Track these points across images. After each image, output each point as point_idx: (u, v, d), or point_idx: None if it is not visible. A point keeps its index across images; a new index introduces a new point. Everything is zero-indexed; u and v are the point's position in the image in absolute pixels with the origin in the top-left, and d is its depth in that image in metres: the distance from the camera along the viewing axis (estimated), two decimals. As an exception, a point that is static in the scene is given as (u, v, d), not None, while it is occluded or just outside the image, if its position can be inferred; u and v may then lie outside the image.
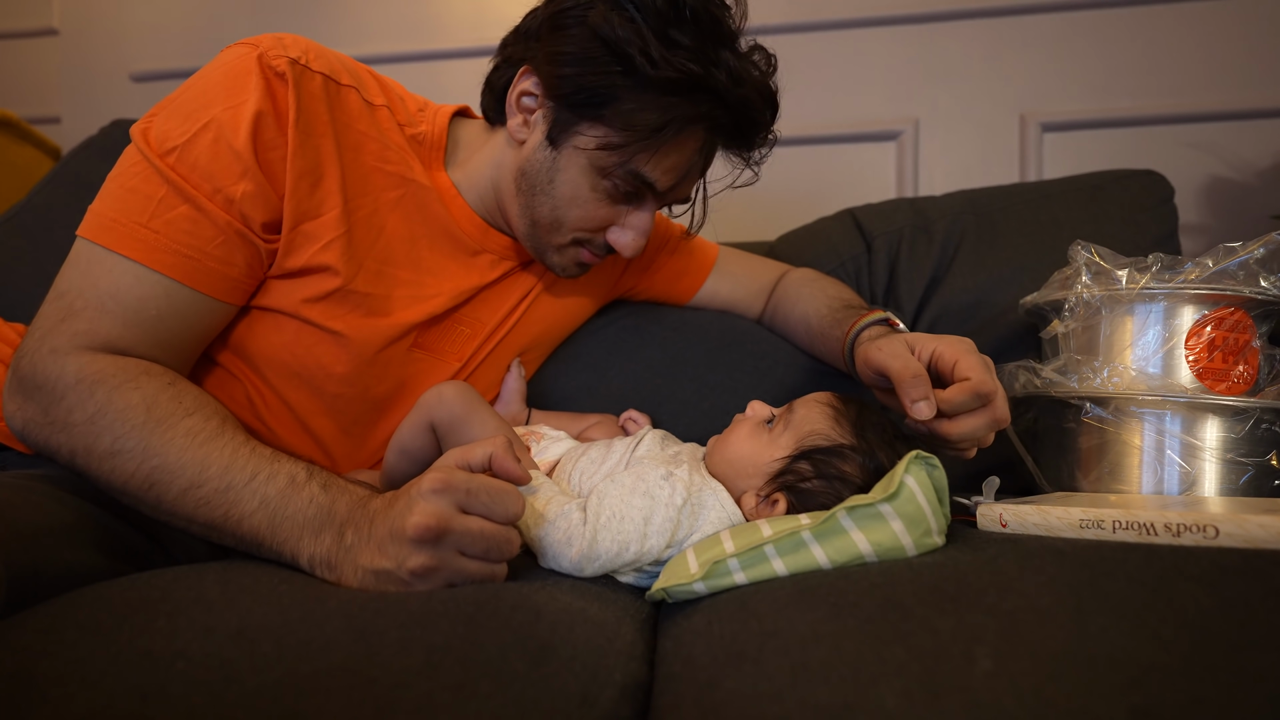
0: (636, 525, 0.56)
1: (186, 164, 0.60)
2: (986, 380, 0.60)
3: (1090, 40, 1.37)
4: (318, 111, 0.65)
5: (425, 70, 1.58)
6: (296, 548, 0.54)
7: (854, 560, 0.51)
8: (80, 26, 1.72)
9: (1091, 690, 0.31)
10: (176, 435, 0.56)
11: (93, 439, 0.55)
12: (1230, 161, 1.33)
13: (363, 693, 0.35)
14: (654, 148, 0.67)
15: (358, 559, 0.51)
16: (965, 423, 0.61)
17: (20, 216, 1.17)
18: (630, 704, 0.41)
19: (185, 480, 0.55)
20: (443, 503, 0.49)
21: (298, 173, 0.63)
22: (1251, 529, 0.47)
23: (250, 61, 0.62)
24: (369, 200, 0.69)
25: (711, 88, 0.66)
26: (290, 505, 0.55)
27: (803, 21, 1.47)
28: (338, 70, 0.67)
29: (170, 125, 0.61)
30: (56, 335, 0.58)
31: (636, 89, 0.65)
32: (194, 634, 0.40)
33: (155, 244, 0.59)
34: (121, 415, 0.55)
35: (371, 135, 0.69)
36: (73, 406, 0.56)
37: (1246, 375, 0.68)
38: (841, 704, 0.33)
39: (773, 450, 0.62)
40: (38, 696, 0.35)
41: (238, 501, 0.55)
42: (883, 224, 1.06)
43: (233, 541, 0.56)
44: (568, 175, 0.69)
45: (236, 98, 0.61)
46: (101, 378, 0.56)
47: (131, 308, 0.59)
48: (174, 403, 0.57)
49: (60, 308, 0.59)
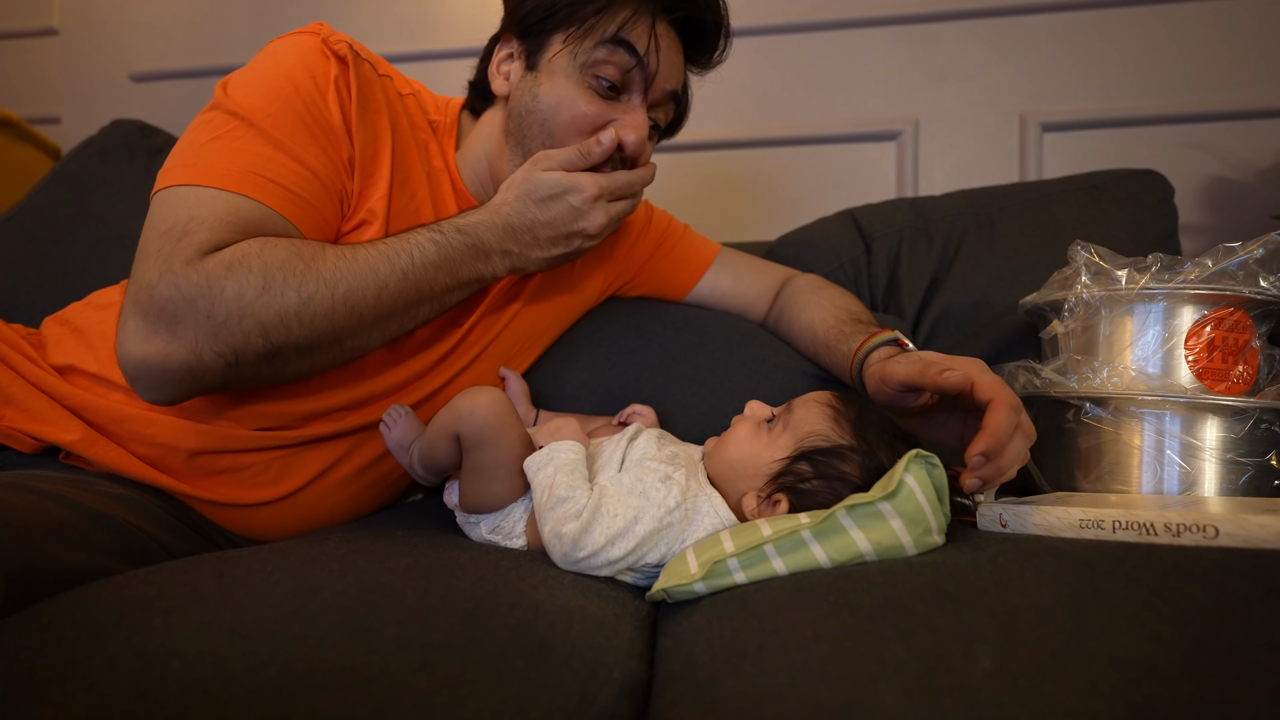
0: (626, 523, 0.56)
1: (285, 130, 0.64)
2: (1008, 395, 0.59)
3: (1090, 40, 1.37)
4: (372, 91, 0.71)
5: (425, 70, 1.58)
6: (479, 275, 0.71)
7: (854, 559, 0.51)
8: (80, 26, 1.72)
9: (1091, 690, 0.31)
10: (331, 260, 0.62)
11: (279, 300, 0.59)
12: (1230, 161, 1.33)
13: (360, 691, 0.35)
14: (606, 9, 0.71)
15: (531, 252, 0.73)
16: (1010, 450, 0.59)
17: (20, 216, 1.17)
18: (629, 702, 0.41)
19: (373, 286, 0.63)
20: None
21: (363, 141, 0.69)
22: (1251, 529, 0.47)
23: (317, 42, 0.69)
24: (406, 167, 0.75)
25: None
26: (449, 254, 0.67)
27: (803, 21, 1.47)
28: (376, 61, 0.75)
29: (254, 97, 0.65)
30: (177, 255, 0.58)
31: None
32: (189, 632, 0.40)
33: (271, 190, 0.63)
34: (285, 270, 0.60)
35: (404, 117, 0.76)
36: (241, 289, 0.58)
37: (1246, 375, 0.68)
38: (841, 703, 0.33)
39: (772, 451, 0.62)
40: (36, 695, 0.35)
41: (420, 278, 0.66)
42: (882, 225, 1.05)
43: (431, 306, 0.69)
44: (550, 83, 0.73)
45: (314, 69, 0.67)
46: (242, 256, 0.59)
47: (252, 223, 0.61)
48: (307, 245, 0.62)
49: (172, 238, 0.59)
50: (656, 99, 0.76)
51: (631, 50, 0.72)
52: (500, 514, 0.66)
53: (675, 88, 0.78)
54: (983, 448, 0.57)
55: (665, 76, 0.76)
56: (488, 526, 0.66)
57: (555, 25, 0.72)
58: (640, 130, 0.74)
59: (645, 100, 0.75)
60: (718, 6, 0.77)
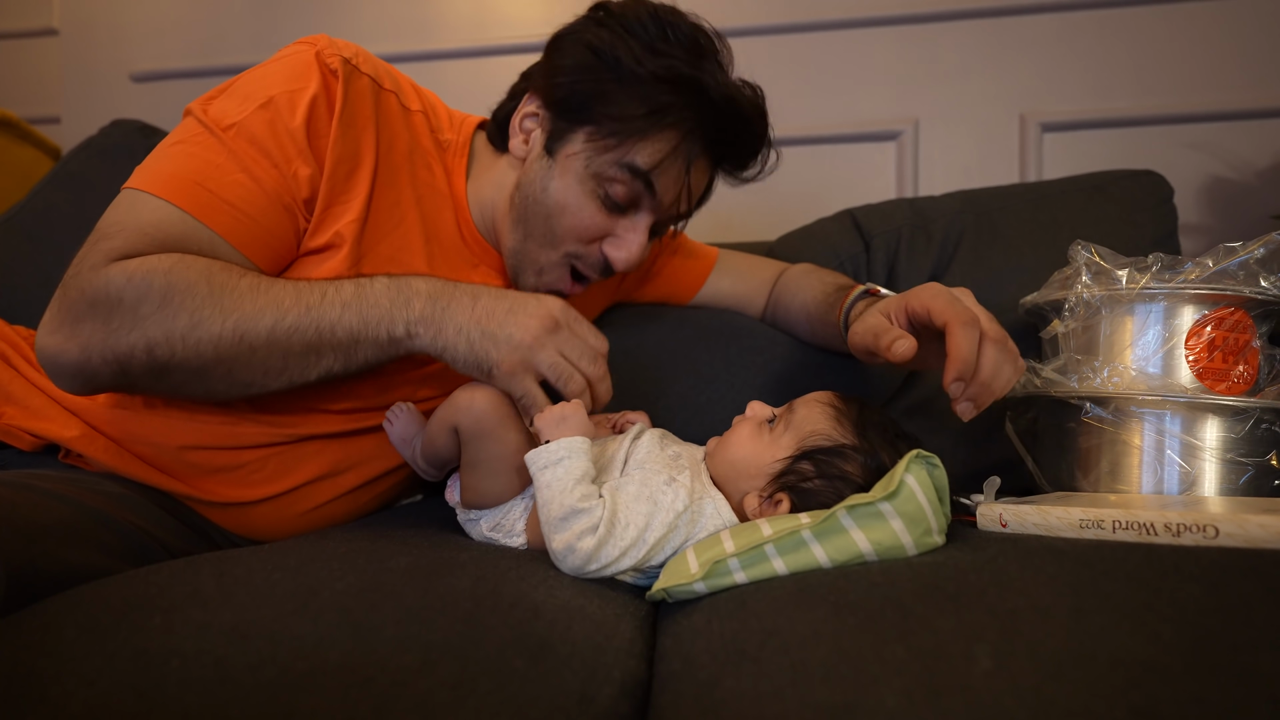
0: (639, 531, 0.56)
1: (245, 137, 0.64)
2: (961, 311, 0.59)
3: (1090, 40, 1.37)
4: (362, 107, 0.69)
5: (425, 70, 1.57)
6: (391, 323, 0.62)
7: (854, 559, 0.51)
8: (80, 26, 1.72)
9: (1091, 690, 0.31)
10: (243, 290, 0.60)
11: (170, 321, 0.59)
12: (1230, 161, 1.33)
13: (360, 691, 0.35)
14: (640, 135, 0.69)
15: (458, 318, 0.62)
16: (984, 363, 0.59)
17: (20, 216, 1.17)
18: (629, 701, 0.41)
19: (269, 319, 0.60)
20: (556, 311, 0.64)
21: (337, 158, 0.67)
22: (1251, 529, 0.47)
23: (309, 56, 0.67)
24: (394, 192, 0.72)
25: (697, 84, 0.68)
26: (369, 296, 0.62)
27: (803, 21, 1.47)
28: (381, 75, 0.72)
29: (230, 104, 0.65)
30: (92, 256, 0.60)
31: (624, 85, 0.68)
32: (189, 631, 0.40)
33: (207, 200, 0.62)
34: (188, 292, 0.59)
35: (404, 136, 0.73)
36: (137, 302, 0.58)
37: (1246, 375, 0.68)
38: (842, 703, 0.33)
39: (774, 451, 0.62)
40: (36, 695, 0.35)
41: (323, 315, 0.61)
42: (881, 224, 1.05)
43: (335, 356, 0.62)
44: (562, 182, 0.71)
45: (295, 84, 0.66)
46: (151, 270, 0.59)
47: (173, 237, 0.61)
48: (224, 271, 0.61)
49: (95, 238, 0.61)
50: (666, 219, 0.75)
51: (649, 186, 0.70)
52: (500, 511, 0.66)
53: (693, 210, 0.77)
54: (953, 374, 0.58)
55: (683, 206, 0.75)
56: (488, 524, 0.66)
57: (583, 120, 0.70)
58: (634, 253, 0.73)
59: (651, 218, 0.73)
60: (761, 141, 0.75)
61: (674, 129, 0.70)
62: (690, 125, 0.70)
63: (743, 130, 0.73)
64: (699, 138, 0.71)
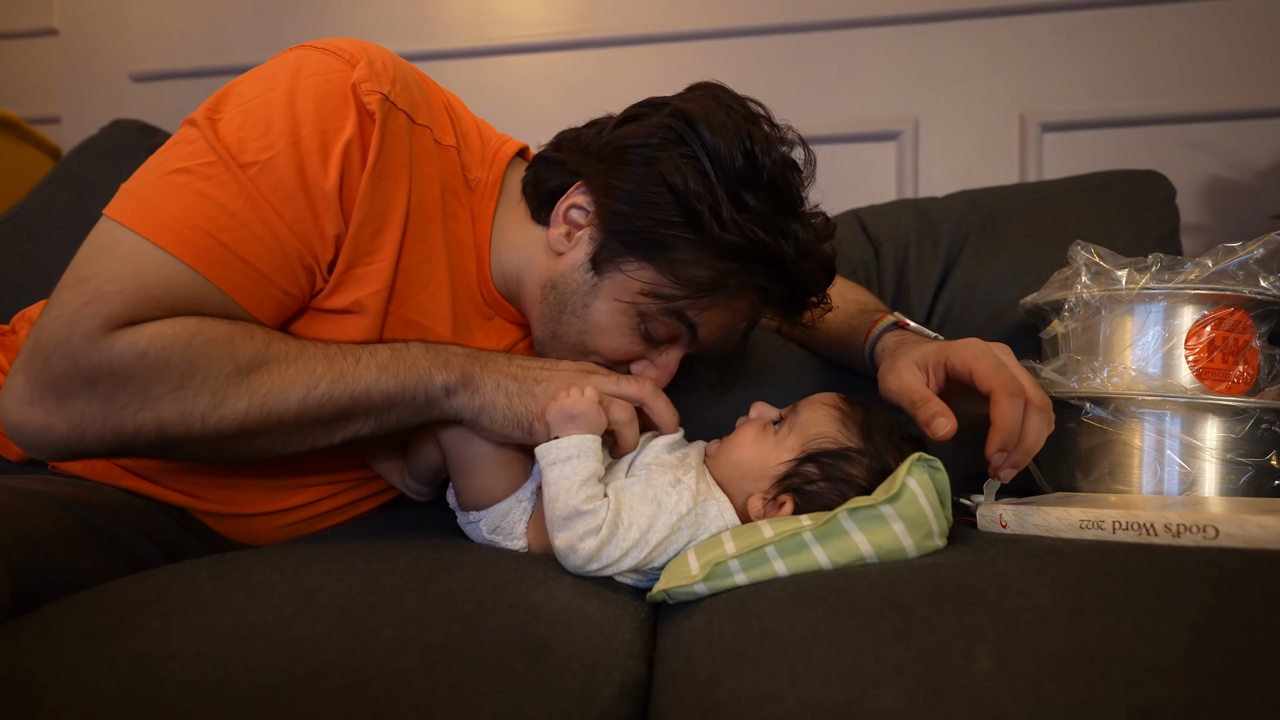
0: (641, 532, 0.56)
1: (268, 185, 0.55)
2: (1007, 380, 0.58)
3: (1090, 40, 1.37)
4: (398, 154, 0.60)
5: (425, 70, 1.57)
6: (430, 384, 0.59)
7: (855, 561, 0.51)
8: (80, 26, 1.72)
9: (1091, 690, 0.31)
10: (271, 362, 0.55)
11: (189, 401, 0.53)
12: (1230, 161, 1.33)
13: (359, 693, 0.35)
14: (697, 302, 0.63)
15: (495, 375, 0.61)
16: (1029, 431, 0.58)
17: (20, 216, 1.17)
18: (629, 702, 0.41)
19: (300, 390, 0.56)
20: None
21: (364, 216, 0.59)
22: (1251, 529, 0.47)
23: (345, 86, 0.58)
24: (424, 247, 0.65)
25: (776, 259, 0.62)
26: (406, 360, 0.59)
27: (803, 21, 1.47)
28: (417, 107, 0.63)
29: (249, 131, 0.56)
30: (84, 321, 0.51)
31: (696, 245, 0.61)
32: (187, 634, 0.40)
33: (223, 259, 0.54)
34: (210, 369, 0.53)
35: (437, 179, 0.65)
36: (149, 382, 0.52)
37: (1246, 375, 0.68)
38: (842, 703, 0.33)
39: (778, 453, 0.62)
40: (35, 700, 0.35)
41: (358, 380, 0.57)
42: (889, 229, 1.05)
43: (369, 420, 0.59)
44: (605, 306, 0.64)
45: (328, 122, 0.57)
46: (168, 346, 0.52)
47: (182, 301, 0.54)
48: (248, 339, 0.55)
49: (84, 293, 0.51)
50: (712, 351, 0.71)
51: (693, 333, 0.65)
52: (500, 513, 0.66)
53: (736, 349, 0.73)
54: (997, 445, 0.58)
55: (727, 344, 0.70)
56: (488, 526, 0.66)
57: (642, 257, 0.62)
58: (662, 381, 0.68)
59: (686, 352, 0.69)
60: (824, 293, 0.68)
61: (736, 303, 0.65)
62: (755, 298, 0.66)
63: (809, 295, 0.67)
64: (760, 307, 0.67)
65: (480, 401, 0.60)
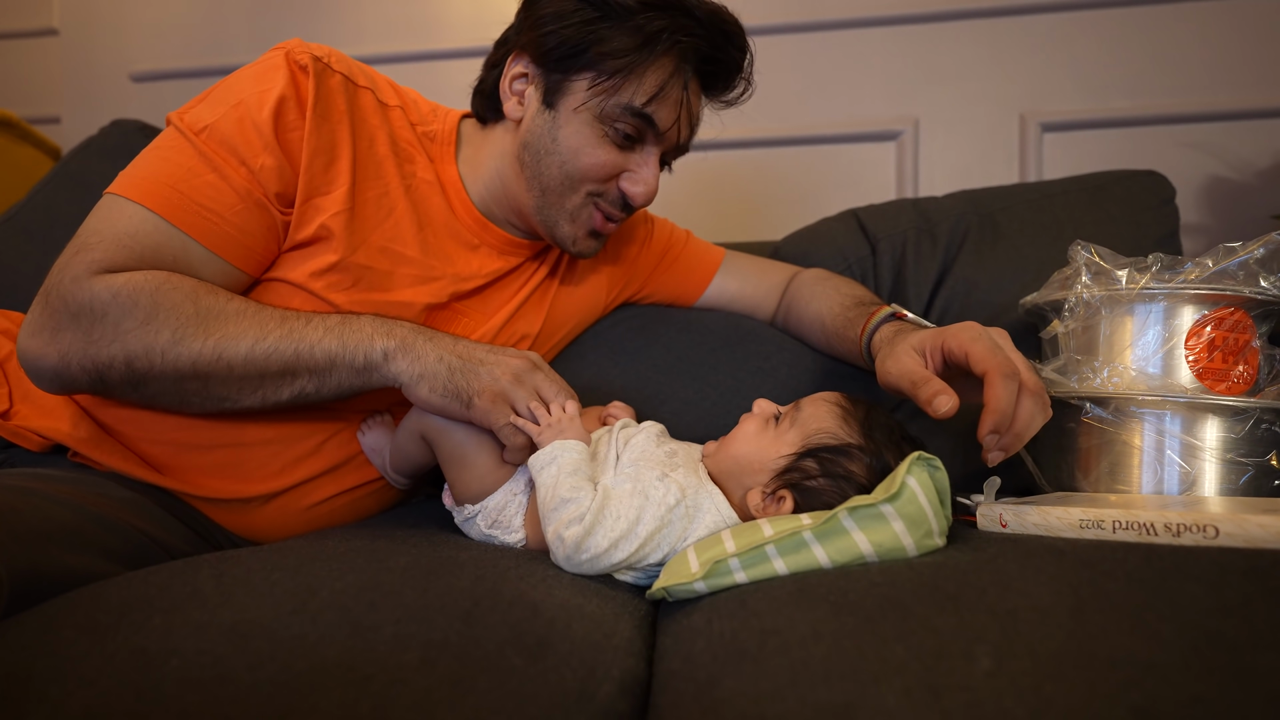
0: (629, 524, 0.57)
1: (215, 139, 0.65)
2: (1002, 362, 0.59)
3: (1090, 40, 1.37)
4: (335, 102, 0.69)
5: (425, 70, 1.58)
6: (370, 347, 0.63)
7: (855, 560, 0.51)
8: (80, 26, 1.72)
9: (1091, 690, 0.31)
10: (228, 313, 0.62)
11: (152, 337, 0.60)
12: (1230, 161, 1.33)
13: (359, 690, 0.35)
14: (637, 77, 0.70)
15: (440, 348, 0.64)
16: (1020, 415, 0.59)
17: (20, 216, 1.17)
18: (628, 699, 0.41)
19: (250, 338, 0.62)
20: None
21: (312, 150, 0.67)
22: (1251, 529, 0.47)
23: (279, 57, 0.68)
24: (380, 184, 0.72)
25: (681, 6, 0.70)
26: (353, 325, 0.64)
27: (803, 21, 1.47)
28: (355, 73, 0.72)
29: (204, 109, 0.67)
30: (73, 266, 0.61)
31: (614, 21, 0.69)
32: (188, 631, 0.40)
33: (179, 203, 0.63)
34: (173, 310, 0.61)
35: (384, 130, 0.73)
36: (120, 317, 0.60)
37: (1246, 375, 0.68)
38: (842, 703, 0.33)
39: (779, 447, 0.62)
40: (36, 695, 0.35)
41: (304, 336, 0.63)
42: (886, 226, 1.05)
43: (313, 378, 0.64)
44: (569, 129, 0.72)
45: (263, 83, 0.66)
46: (138, 288, 0.60)
47: (149, 247, 0.62)
48: (212, 294, 0.63)
49: (76, 245, 0.62)
50: (671, 148, 0.77)
51: (652, 124, 0.72)
52: (496, 506, 0.66)
53: (691, 137, 0.78)
54: (989, 426, 0.58)
55: (684, 134, 0.76)
56: (485, 521, 0.66)
57: (580, 67, 0.71)
58: (650, 186, 0.75)
59: (659, 150, 0.75)
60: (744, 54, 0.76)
61: (668, 55, 0.71)
62: (682, 48, 0.71)
63: (729, 44, 0.74)
64: (691, 58, 0.73)
65: (420, 369, 0.63)
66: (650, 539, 0.57)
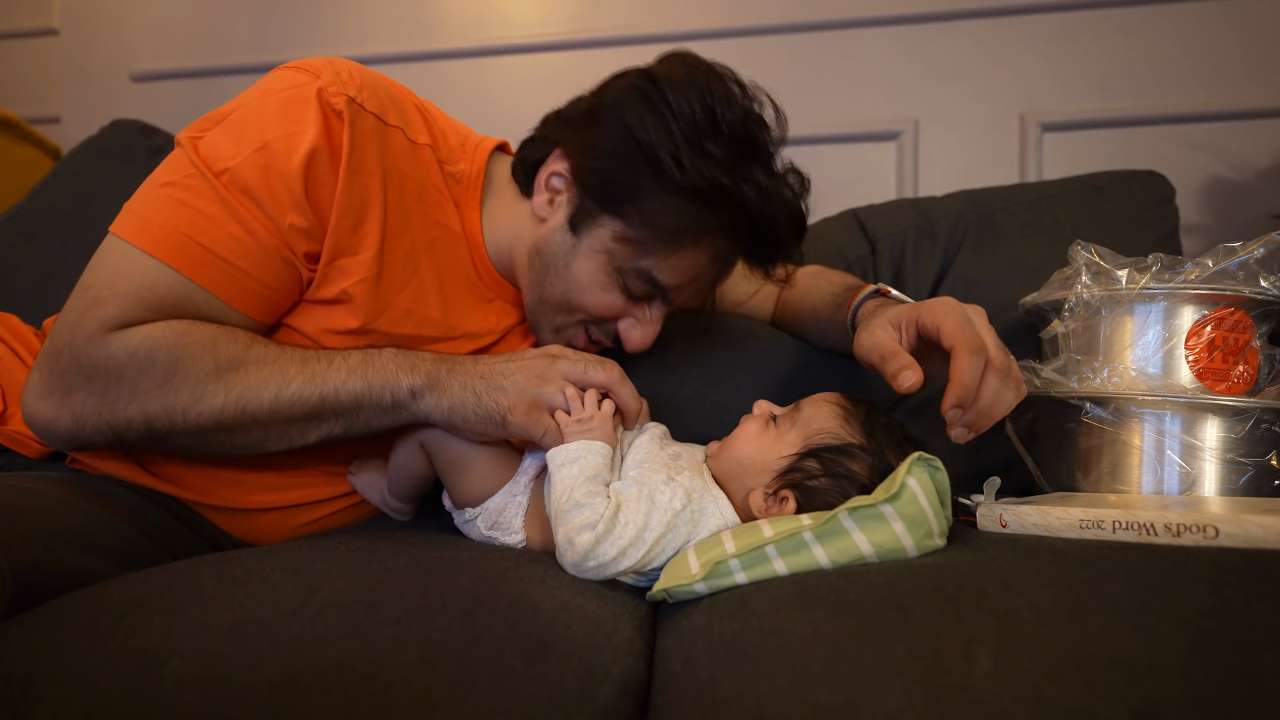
0: (637, 531, 0.56)
1: (238, 186, 0.60)
2: (970, 337, 0.58)
3: (1090, 40, 1.37)
4: (368, 150, 0.64)
5: (425, 70, 1.57)
6: (396, 386, 0.61)
7: (855, 561, 0.51)
8: (80, 26, 1.72)
9: (1091, 690, 0.31)
10: (248, 363, 0.60)
11: (171, 397, 0.58)
12: (1230, 161, 1.33)
13: (358, 690, 0.35)
14: (669, 251, 0.66)
15: (462, 376, 0.62)
16: (984, 391, 0.58)
17: (20, 216, 1.17)
18: (628, 700, 0.41)
19: (273, 387, 0.60)
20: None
21: (342, 210, 0.62)
22: (1251, 529, 0.47)
23: (310, 92, 0.62)
24: (407, 240, 0.68)
25: (737, 200, 0.65)
26: (375, 363, 0.62)
27: (802, 21, 1.47)
28: (387, 109, 0.66)
29: (223, 144, 0.61)
30: (86, 323, 0.58)
31: (661, 191, 0.64)
32: (188, 631, 0.40)
33: (201, 258, 0.59)
34: (191, 367, 0.58)
35: (413, 176, 0.68)
36: (137, 377, 0.58)
37: (1246, 375, 0.68)
38: (842, 703, 0.33)
39: (780, 448, 0.62)
40: (36, 696, 0.35)
41: (328, 379, 0.61)
42: (886, 225, 1.05)
43: (340, 420, 0.62)
44: (584, 263, 0.68)
45: (293, 126, 0.61)
46: (154, 345, 0.58)
47: (169, 301, 0.59)
48: (230, 341, 0.60)
49: (86, 299, 0.59)
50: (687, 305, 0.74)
51: (668, 297, 0.70)
52: (495, 508, 0.66)
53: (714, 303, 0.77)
54: (953, 400, 0.57)
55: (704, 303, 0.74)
56: (485, 522, 0.66)
57: (613, 212, 0.67)
58: (648, 339, 0.73)
59: (669, 309, 0.73)
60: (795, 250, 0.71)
61: (704, 249, 0.68)
62: (721, 245, 0.68)
63: (777, 246, 0.70)
64: (734, 252, 0.70)
65: (449, 402, 0.62)
66: (656, 544, 0.57)
